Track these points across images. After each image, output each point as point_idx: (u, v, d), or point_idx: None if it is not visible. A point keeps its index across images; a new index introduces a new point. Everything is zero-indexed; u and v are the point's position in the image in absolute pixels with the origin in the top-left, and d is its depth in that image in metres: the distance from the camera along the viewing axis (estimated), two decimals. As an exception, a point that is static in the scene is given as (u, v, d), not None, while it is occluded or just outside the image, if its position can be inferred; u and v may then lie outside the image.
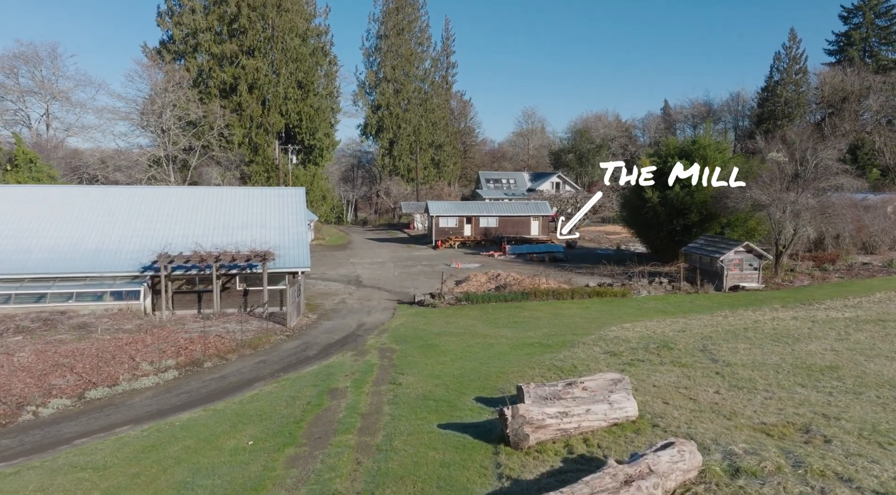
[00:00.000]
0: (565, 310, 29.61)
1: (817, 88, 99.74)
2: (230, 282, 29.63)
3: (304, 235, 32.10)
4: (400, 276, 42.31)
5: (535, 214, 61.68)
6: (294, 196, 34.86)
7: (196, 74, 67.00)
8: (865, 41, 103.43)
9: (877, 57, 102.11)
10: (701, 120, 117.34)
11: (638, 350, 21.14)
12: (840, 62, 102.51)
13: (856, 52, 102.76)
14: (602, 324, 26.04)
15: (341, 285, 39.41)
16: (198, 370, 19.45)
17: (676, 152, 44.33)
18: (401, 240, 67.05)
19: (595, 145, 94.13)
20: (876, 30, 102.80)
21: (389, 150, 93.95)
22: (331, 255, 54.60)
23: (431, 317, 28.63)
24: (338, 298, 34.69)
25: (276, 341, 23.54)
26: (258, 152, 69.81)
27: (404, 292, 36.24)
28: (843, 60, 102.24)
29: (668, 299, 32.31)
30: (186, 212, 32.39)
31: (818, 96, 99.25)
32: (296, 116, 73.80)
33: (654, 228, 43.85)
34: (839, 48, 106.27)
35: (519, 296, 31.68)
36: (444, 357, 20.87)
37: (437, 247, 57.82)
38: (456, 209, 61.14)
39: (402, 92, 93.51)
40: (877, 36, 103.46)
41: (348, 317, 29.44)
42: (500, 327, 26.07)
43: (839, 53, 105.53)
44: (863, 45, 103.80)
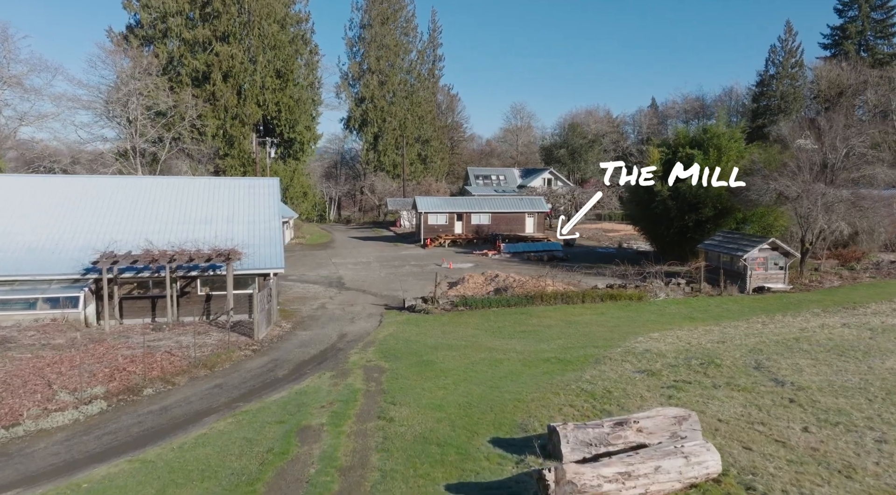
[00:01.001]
0: (578, 316, 25.85)
1: (813, 82, 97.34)
2: (190, 285, 25.48)
3: (277, 231, 28.04)
4: (387, 278, 38.34)
5: (530, 211, 57.99)
6: (266, 187, 30.75)
7: (166, 61, 62.37)
8: (861, 34, 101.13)
9: (873, 51, 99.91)
10: (693, 115, 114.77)
11: (679, 367, 17.40)
12: (835, 56, 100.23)
13: (851, 46, 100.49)
14: (625, 334, 22.29)
15: (321, 288, 35.37)
16: (133, 399, 15.34)
17: (687, 142, 40.83)
18: (387, 239, 63.02)
19: (588, 140, 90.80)
20: (871, 23, 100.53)
21: (374, 145, 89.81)
22: (311, 255, 50.45)
23: (425, 325, 24.70)
24: (317, 303, 30.66)
25: (238, 358, 19.46)
26: (233, 145, 65.33)
27: (392, 296, 32.31)
28: (839, 54, 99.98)
29: (691, 303, 28.68)
30: (143, 205, 28.15)
31: (814, 90, 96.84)
32: (274, 107, 69.40)
33: (664, 224, 40.29)
34: (834, 42, 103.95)
35: (523, 300, 27.87)
36: (445, 378, 16.97)
37: (426, 245, 53.90)
38: (446, 205, 57.26)
39: (387, 84, 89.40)
40: (872, 29, 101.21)
41: (328, 325, 25.42)
42: (507, 338, 22.23)
43: (834, 47, 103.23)
44: (858, 38, 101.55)
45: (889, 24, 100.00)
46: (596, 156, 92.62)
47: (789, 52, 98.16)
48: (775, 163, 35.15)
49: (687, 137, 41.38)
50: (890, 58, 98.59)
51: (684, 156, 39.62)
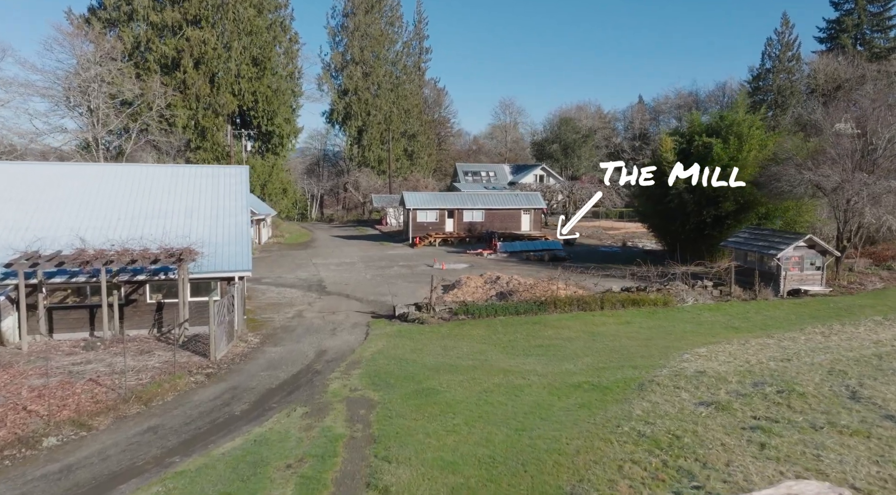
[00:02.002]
0: (600, 325, 21.95)
1: (810, 76, 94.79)
2: (138, 292, 21.19)
3: (244, 227, 23.81)
4: (373, 280, 34.22)
5: (526, 207, 54.15)
6: (233, 176, 26.49)
7: (132, 46, 57.59)
8: (858, 28, 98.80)
9: (870, 44, 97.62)
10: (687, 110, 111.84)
11: (751, 397, 13.57)
12: (831, 50, 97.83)
13: (848, 40, 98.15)
14: (664, 349, 18.43)
15: (299, 292, 31.17)
16: (26, 456, 11.12)
17: (703, 130, 37.19)
18: (372, 238, 58.83)
19: (581, 135, 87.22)
20: (868, 16, 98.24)
21: (358, 139, 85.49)
22: (289, 255, 46.13)
23: (421, 338, 20.65)
24: (293, 310, 26.48)
25: (186, 386, 15.26)
26: (206, 137, 60.73)
27: (380, 301, 28.22)
28: (835, 48, 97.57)
29: (724, 309, 24.93)
30: (84, 197, 23.74)
31: (811, 85, 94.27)
32: (251, 97, 64.86)
33: (679, 220, 36.61)
34: (830, 36, 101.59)
35: (534, 306, 23.91)
36: (454, 415, 12.96)
37: (415, 244, 49.81)
38: (436, 201, 53.22)
39: (371, 75, 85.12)
40: (869, 23, 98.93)
41: (305, 339, 21.28)
42: (522, 355, 18.26)
43: (830, 41, 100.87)
44: (855, 31, 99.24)
45: (886, 18, 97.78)
46: (589, 151, 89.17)
47: (786, 44, 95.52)
48: (805, 151, 31.59)
49: (702, 125, 37.74)
50: (888, 51, 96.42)
51: (700, 146, 35.97)
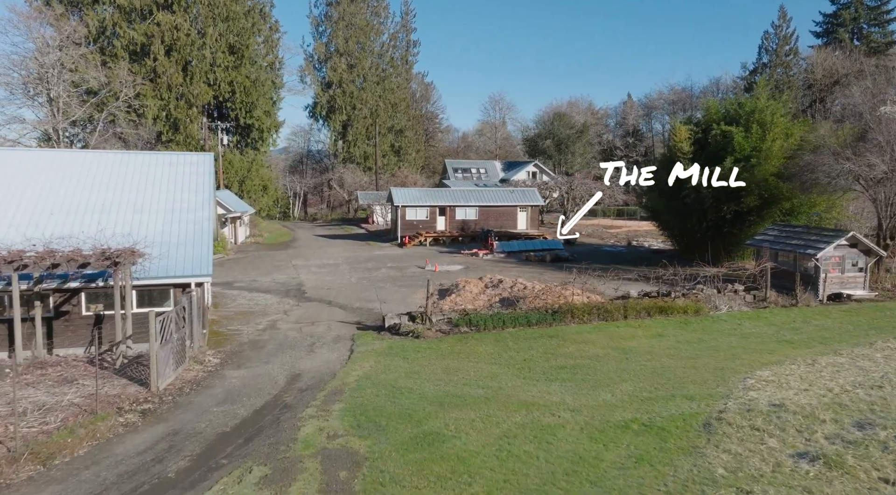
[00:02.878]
0: (629, 339, 18.49)
1: (807, 71, 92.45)
2: (72, 302, 17.39)
3: (205, 224, 20.06)
4: (359, 284, 30.57)
5: (523, 204, 50.72)
6: (195, 165, 22.69)
7: (97, 31, 53.30)
8: (855, 22, 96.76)
9: (867, 38, 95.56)
10: (681, 107, 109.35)
11: (863, 445, 10.17)
12: (828, 44, 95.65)
13: (845, 34, 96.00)
14: (717, 372, 15.01)
15: (275, 298, 27.45)
16: None
17: (720, 117, 33.96)
18: (358, 237, 55.11)
19: (575, 130, 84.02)
20: (865, 10, 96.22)
21: (343, 134, 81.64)
22: (267, 256, 42.31)
23: (417, 357, 17.05)
24: (265, 321, 22.77)
25: (110, 432, 11.54)
26: (179, 129, 56.58)
27: (367, 309, 24.62)
28: (832, 42, 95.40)
29: (766, 317, 21.59)
30: (12, 187, 19.86)
31: (809, 79, 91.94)
32: (227, 87, 60.79)
33: (695, 217, 33.38)
34: (826, 30, 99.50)
35: (547, 316, 20.40)
36: (470, 478, 9.42)
37: (404, 244, 46.21)
38: (426, 197, 49.61)
39: (356, 67, 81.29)
40: (866, 17, 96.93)
41: (276, 358, 17.60)
42: (544, 380, 14.74)
43: (826, 35, 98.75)
44: (852, 26, 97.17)
45: (884, 12, 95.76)
46: (583, 147, 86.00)
47: (783, 38, 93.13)
48: (841, 138, 28.42)
49: (719, 113, 34.50)
50: (885, 46, 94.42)
51: (719, 135, 32.73)
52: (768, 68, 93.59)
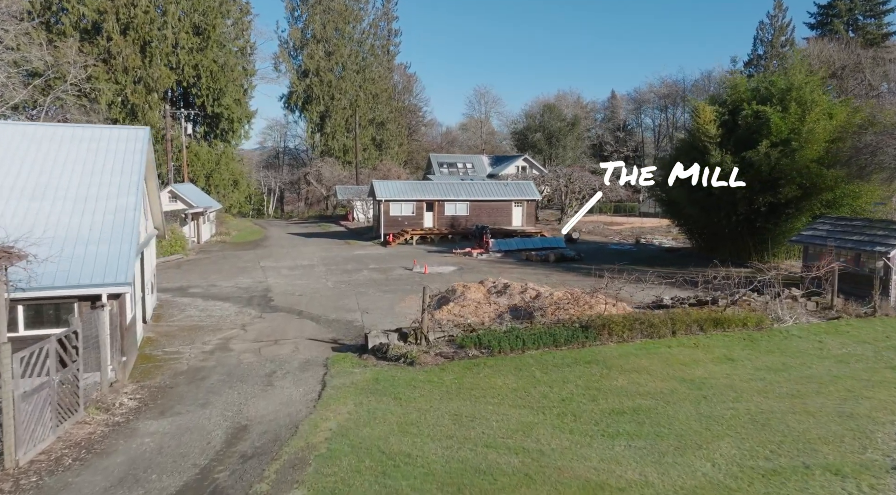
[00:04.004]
0: (692, 366, 14.00)
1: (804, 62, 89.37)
2: (-67, 322, 12.43)
3: (131, 215, 15.15)
4: (336, 290, 25.85)
5: (518, 199, 46.29)
6: (123, 141, 17.74)
7: (41, 5, 47.71)
8: (850, 13, 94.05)
9: (863, 30, 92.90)
10: (672, 102, 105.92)
11: None
12: (823, 36, 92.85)
13: (840, 25, 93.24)
14: (843, 419, 10.60)
15: (234, 308, 22.64)
16: None
17: (750, 97, 29.80)
18: (336, 235, 50.26)
19: (566, 123, 79.86)
20: (861, 1, 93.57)
21: (320, 126, 76.56)
22: (233, 257, 37.33)
23: (413, 396, 12.36)
24: (216, 338, 17.98)
25: None
26: (137, 116, 51.18)
27: (346, 322, 19.96)
28: (828, 33, 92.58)
29: (847, 332, 17.28)
30: None
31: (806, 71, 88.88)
32: (191, 72, 55.46)
33: (723, 210, 29.18)
34: (820, 22, 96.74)
35: (578, 333, 15.83)
36: None
37: (389, 242, 41.52)
38: (412, 191, 44.93)
39: (334, 55, 76.25)
40: (861, 8, 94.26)
41: (217, 397, 12.82)
42: (599, 435, 10.16)
43: (821, 27, 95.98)
44: (847, 17, 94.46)
45: (879, 2, 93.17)
46: (574, 141, 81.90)
47: (779, 28, 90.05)
48: None
49: (747, 91, 30.32)
50: (882, 38, 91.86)
51: (750, 116, 28.56)
52: (764, 60, 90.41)
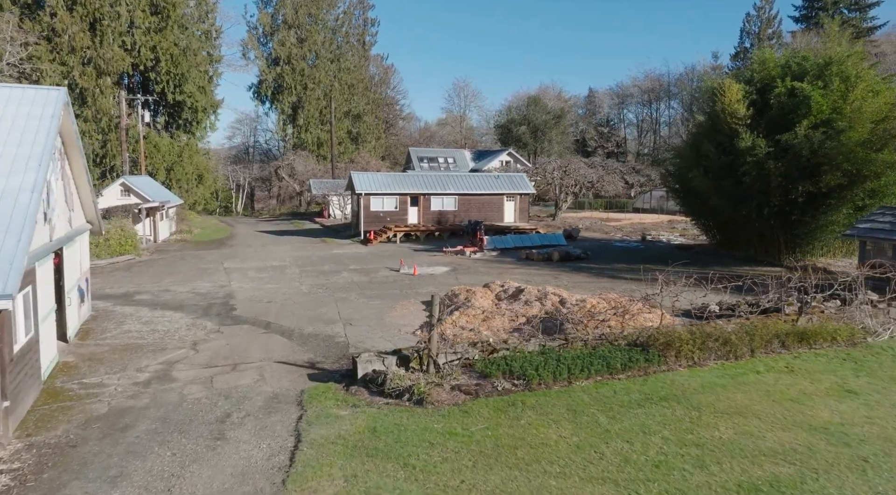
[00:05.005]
0: (805, 402, 10.24)
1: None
2: None
3: (25, 199, 10.82)
4: (312, 296, 21.72)
5: (511, 192, 42.52)
6: (21, 105, 13.30)
7: (-26, -25, 42.45)
8: (836, 6, 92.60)
9: (849, 23, 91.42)
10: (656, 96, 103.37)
11: None
12: (808, 29, 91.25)
13: (826, 18, 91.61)
14: None
15: (187, 319, 18.41)
16: None
17: (783, 73, 26.41)
18: (311, 233, 45.96)
19: (552, 115, 76.42)
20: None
21: (293, 118, 71.86)
22: (193, 257, 32.87)
23: (432, 464, 8.34)
24: (157, 363, 13.77)
25: None
26: (87, 102, 46.08)
27: (325, 337, 15.89)
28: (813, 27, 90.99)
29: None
30: None
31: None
32: (149, 54, 50.44)
33: (754, 201, 25.71)
34: (805, 15, 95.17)
35: (637, 355, 11.94)
36: None
37: (370, 240, 37.42)
38: (395, 184, 40.84)
39: (307, 42, 71.63)
40: (846, 2, 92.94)
41: (138, 464, 8.64)
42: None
43: (807, 20, 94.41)
44: (833, 10, 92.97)
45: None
46: (560, 134, 78.55)
47: (766, 20, 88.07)
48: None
49: (777, 67, 26.93)
50: (867, 31, 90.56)
51: (784, 94, 25.15)
52: (750, 53, 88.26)
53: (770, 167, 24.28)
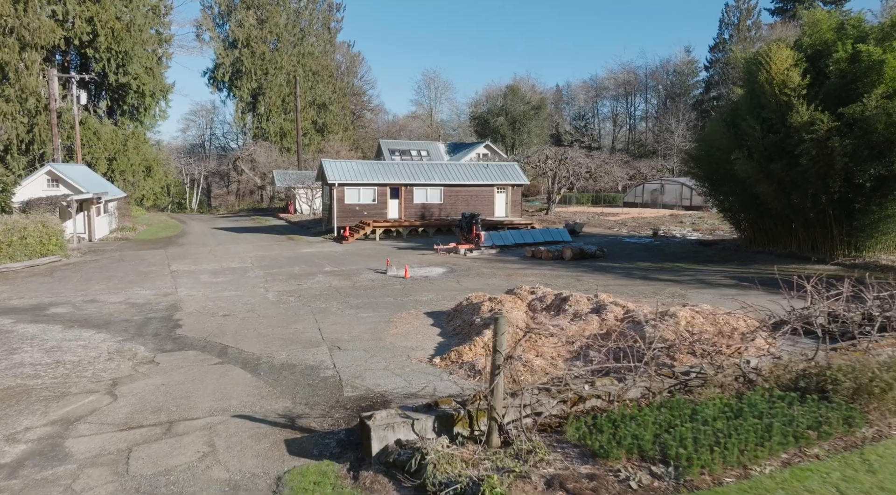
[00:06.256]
0: None
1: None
2: None
3: None
4: (282, 306, 16.80)
5: (502, 183, 38.09)
6: None
7: None
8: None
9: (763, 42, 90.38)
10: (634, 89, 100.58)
11: None
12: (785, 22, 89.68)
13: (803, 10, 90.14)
14: None
15: (112, 342, 13.41)
16: None
17: (837, 37, 22.56)
18: (275, 230, 40.72)
19: (531, 106, 72.39)
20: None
21: (253, 106, 65.96)
22: (134, 258, 27.44)
23: None
24: (48, 420, 8.72)
25: None
26: (9, 78, 39.73)
27: (305, 368, 11.02)
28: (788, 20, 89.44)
29: None
30: None
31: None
32: (85, 27, 44.20)
33: (811, 186, 21.76)
34: (781, 8, 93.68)
35: (823, 413, 7.54)
36: None
37: (345, 237, 32.49)
38: (373, 174, 35.94)
39: (268, 23, 65.83)
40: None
41: None
42: None
43: (782, 13, 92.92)
44: (809, 2, 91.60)
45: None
46: (539, 126, 74.61)
47: (745, 11, 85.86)
48: None
49: (831, 30, 23.07)
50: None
51: (845, 61, 21.29)
52: (730, 44, 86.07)
53: (834, 145, 20.34)
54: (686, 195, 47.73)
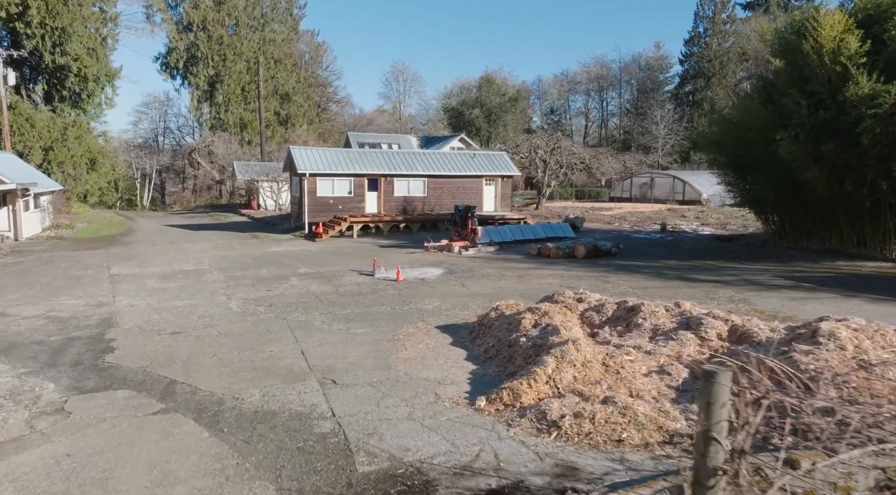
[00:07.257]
0: None
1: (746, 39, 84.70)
2: None
3: None
4: (250, 319, 12.84)
5: (490, 174, 34.61)
6: None
7: None
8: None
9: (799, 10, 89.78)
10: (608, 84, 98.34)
11: None
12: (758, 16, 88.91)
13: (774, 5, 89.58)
14: None
15: (9, 377, 9.27)
16: None
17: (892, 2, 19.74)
18: (237, 227, 36.41)
19: (507, 98, 69.15)
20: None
21: (210, 94, 60.91)
22: (67, 260, 22.97)
23: None
24: None
25: None
26: (-80, 53, 34.35)
27: (288, 419, 7.08)
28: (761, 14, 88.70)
29: None
30: None
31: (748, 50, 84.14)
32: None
33: (870, 170, 18.87)
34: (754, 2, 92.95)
35: None
36: None
37: (318, 235, 28.54)
38: (348, 163, 31.99)
39: (226, 5, 60.87)
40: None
41: None
42: None
43: (755, 7, 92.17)
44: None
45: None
46: (516, 118, 71.49)
47: (720, 4, 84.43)
48: None
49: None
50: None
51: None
52: (705, 38, 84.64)
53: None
54: (679, 189, 45.25)
